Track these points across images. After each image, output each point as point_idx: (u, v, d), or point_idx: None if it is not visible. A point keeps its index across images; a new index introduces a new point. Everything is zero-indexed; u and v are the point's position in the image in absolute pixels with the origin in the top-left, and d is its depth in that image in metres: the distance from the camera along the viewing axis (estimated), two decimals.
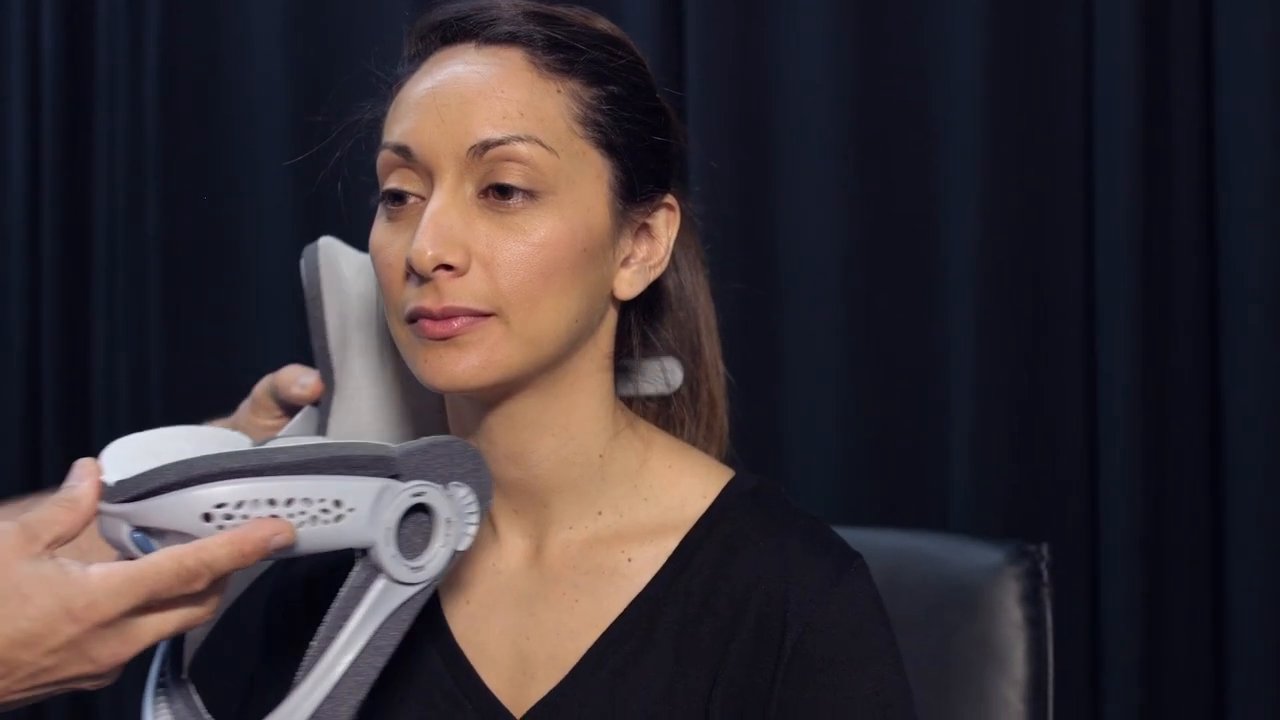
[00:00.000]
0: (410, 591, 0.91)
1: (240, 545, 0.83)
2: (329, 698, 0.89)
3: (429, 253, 0.92)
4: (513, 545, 1.03)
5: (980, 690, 1.28)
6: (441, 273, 0.92)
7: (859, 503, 1.76)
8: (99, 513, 0.85)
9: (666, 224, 1.02)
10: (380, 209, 0.98)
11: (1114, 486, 1.66)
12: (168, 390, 2.06)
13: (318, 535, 0.86)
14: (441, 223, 0.93)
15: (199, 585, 0.83)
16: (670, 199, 1.03)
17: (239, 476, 0.84)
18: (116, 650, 0.83)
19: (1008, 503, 1.71)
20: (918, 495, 1.77)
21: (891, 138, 1.78)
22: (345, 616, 0.90)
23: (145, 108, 2.06)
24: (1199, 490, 1.67)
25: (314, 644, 0.90)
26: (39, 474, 2.06)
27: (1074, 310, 1.71)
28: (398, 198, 0.96)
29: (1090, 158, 1.70)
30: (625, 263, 1.00)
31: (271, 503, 0.84)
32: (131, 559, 0.84)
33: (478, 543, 1.01)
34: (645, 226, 1.01)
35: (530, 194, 0.93)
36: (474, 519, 0.93)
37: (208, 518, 0.83)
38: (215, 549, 0.83)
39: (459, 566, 1.02)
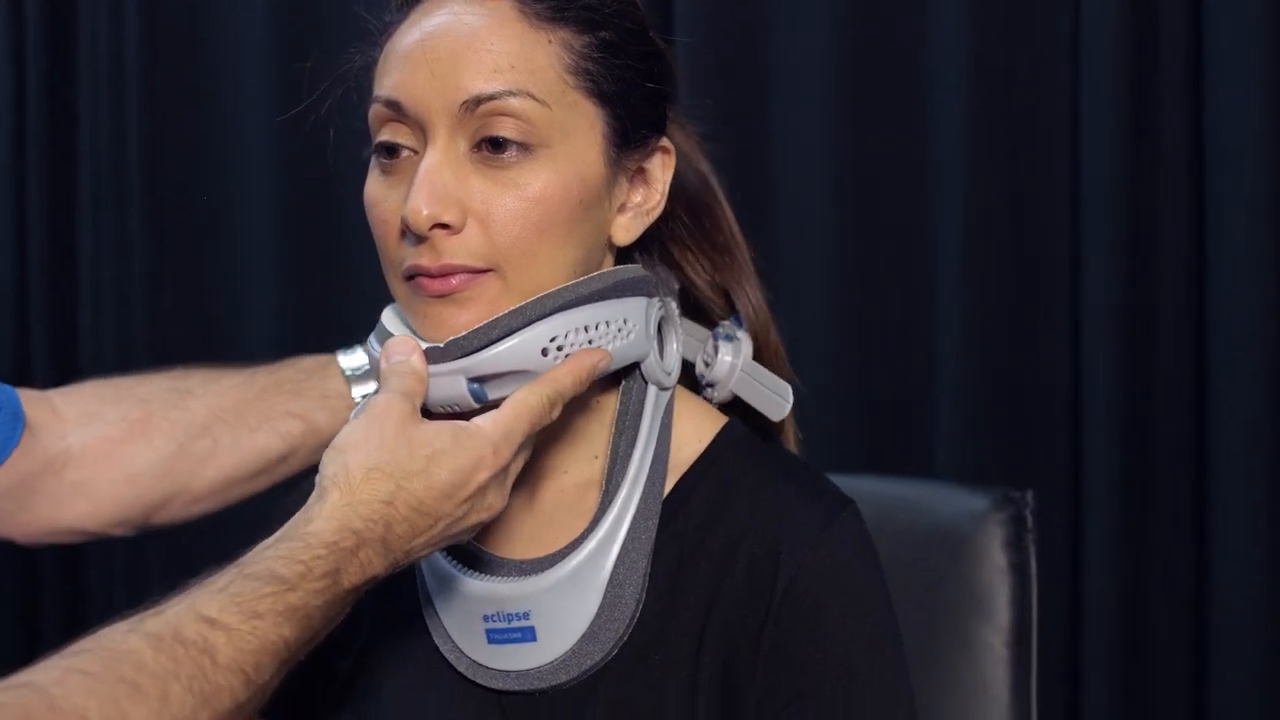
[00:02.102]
0: (668, 395, 1.03)
1: (578, 373, 0.94)
2: (641, 495, 0.99)
3: (424, 212, 0.91)
4: None
5: (964, 635, 1.29)
6: (437, 231, 0.92)
7: (846, 450, 1.77)
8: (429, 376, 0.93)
9: (662, 167, 1.02)
10: (373, 161, 0.98)
11: (1098, 434, 1.67)
12: (151, 332, 2.06)
13: (618, 353, 0.97)
14: (436, 181, 0.92)
15: (555, 414, 0.94)
16: (665, 142, 1.02)
17: (561, 311, 0.94)
18: (503, 491, 0.93)
19: (993, 449, 1.72)
20: (904, 442, 1.78)
21: (883, 81, 1.77)
22: (636, 428, 1.01)
23: (125, 54, 2.04)
24: (1183, 437, 1.68)
25: (610, 462, 1.00)
26: None
27: (1060, 259, 1.71)
28: (390, 151, 0.96)
29: (1077, 97, 1.70)
30: (622, 209, 1.00)
31: (586, 329, 0.95)
32: (459, 414, 0.93)
33: None
34: (641, 171, 1.01)
35: (524, 147, 0.93)
36: (679, 324, 1.04)
37: (545, 352, 0.93)
38: (562, 379, 0.93)
39: None
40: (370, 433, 0.88)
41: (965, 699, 1.28)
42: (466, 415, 0.93)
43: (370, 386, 1.18)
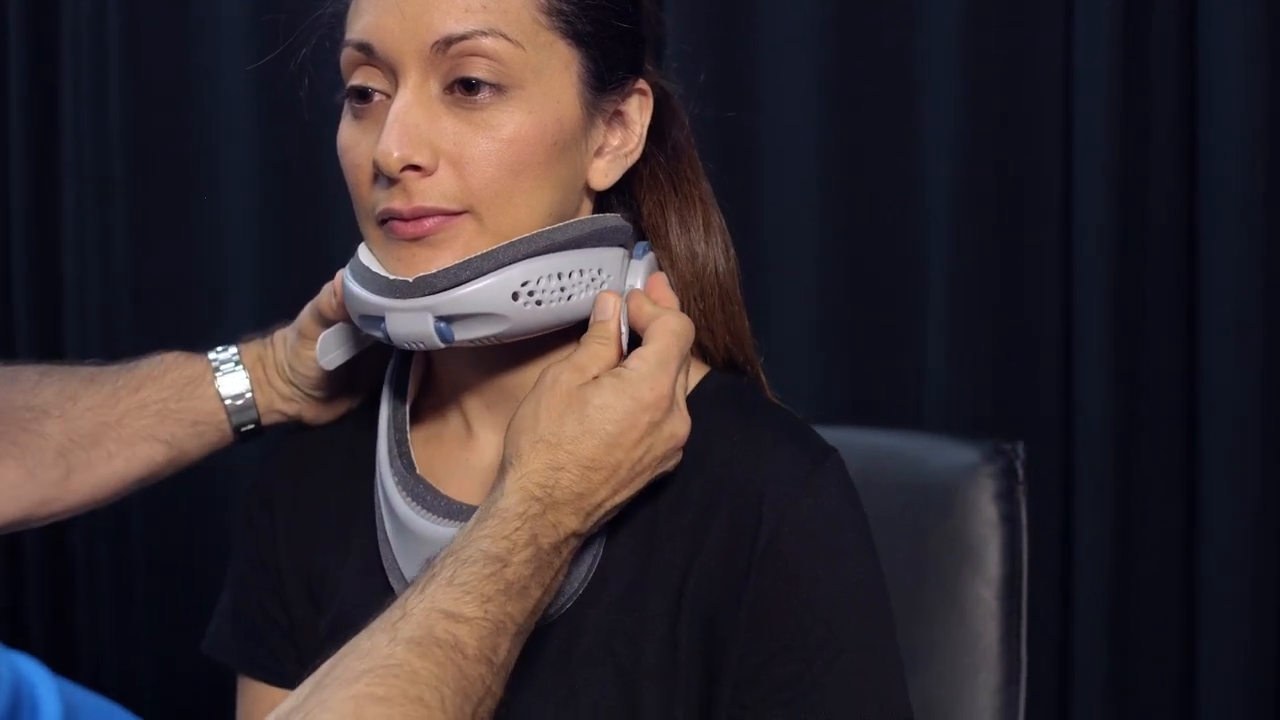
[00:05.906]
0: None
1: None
2: None
3: (395, 154, 0.90)
4: (485, 441, 1.03)
5: (955, 587, 1.29)
6: (409, 173, 0.91)
7: (835, 401, 1.76)
8: (390, 310, 0.93)
9: (640, 109, 1.01)
10: (346, 106, 0.96)
11: (1089, 386, 1.67)
12: (134, 284, 2.05)
13: (590, 302, 0.97)
14: (407, 122, 0.91)
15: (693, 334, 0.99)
16: (643, 84, 1.01)
17: (533, 256, 0.93)
18: (680, 414, 0.96)
19: (984, 402, 1.72)
20: (894, 394, 1.77)
21: (873, 35, 1.75)
22: None
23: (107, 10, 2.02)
24: (1174, 390, 1.67)
25: None
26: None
27: (1051, 211, 1.70)
28: (363, 95, 0.94)
29: (1070, 54, 1.68)
30: (599, 152, 0.99)
31: (559, 275, 0.95)
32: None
33: (450, 437, 1.03)
34: (618, 114, 1.00)
35: (497, 88, 0.91)
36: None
37: (515, 296, 0.93)
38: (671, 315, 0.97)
39: (434, 461, 1.03)
40: (537, 409, 0.93)
41: (955, 651, 1.28)
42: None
43: (249, 414, 1.11)
